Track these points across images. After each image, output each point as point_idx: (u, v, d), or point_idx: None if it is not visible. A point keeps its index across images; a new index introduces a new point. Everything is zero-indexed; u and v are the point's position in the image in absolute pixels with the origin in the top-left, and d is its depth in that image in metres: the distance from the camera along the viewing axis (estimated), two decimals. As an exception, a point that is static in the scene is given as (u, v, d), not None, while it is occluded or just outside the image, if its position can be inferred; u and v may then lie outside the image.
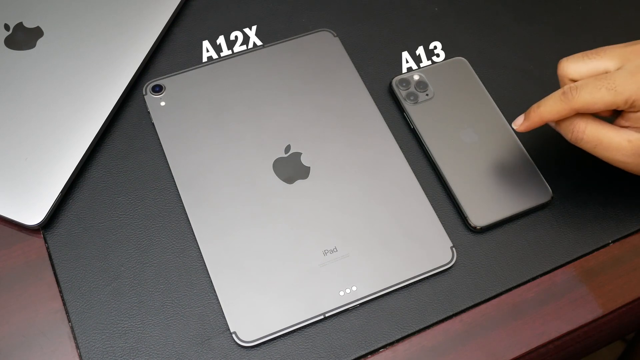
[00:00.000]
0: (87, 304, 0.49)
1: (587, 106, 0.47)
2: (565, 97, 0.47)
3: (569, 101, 0.47)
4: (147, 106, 0.56)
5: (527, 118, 0.50)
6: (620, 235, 0.54)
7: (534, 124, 0.50)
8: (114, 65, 0.57)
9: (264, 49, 0.60)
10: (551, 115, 0.49)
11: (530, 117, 0.50)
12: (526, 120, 0.50)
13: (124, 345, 0.48)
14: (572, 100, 0.47)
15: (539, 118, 0.49)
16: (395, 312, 0.50)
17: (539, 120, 0.50)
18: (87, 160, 0.55)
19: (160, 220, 0.52)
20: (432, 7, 0.64)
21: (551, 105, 0.48)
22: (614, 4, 0.66)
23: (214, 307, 0.49)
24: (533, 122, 0.50)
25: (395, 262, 0.50)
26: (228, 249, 0.50)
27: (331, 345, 0.48)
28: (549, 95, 0.49)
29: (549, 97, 0.49)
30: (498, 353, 0.49)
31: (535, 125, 0.50)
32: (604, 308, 0.51)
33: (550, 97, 0.49)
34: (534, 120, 0.50)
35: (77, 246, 0.51)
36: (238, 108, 0.56)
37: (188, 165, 0.54)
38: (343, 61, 0.59)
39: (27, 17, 0.59)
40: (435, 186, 0.55)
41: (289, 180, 0.53)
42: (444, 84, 0.59)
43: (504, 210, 0.53)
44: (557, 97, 0.48)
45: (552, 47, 0.62)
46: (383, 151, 0.55)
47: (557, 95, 0.48)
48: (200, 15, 0.63)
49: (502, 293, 0.51)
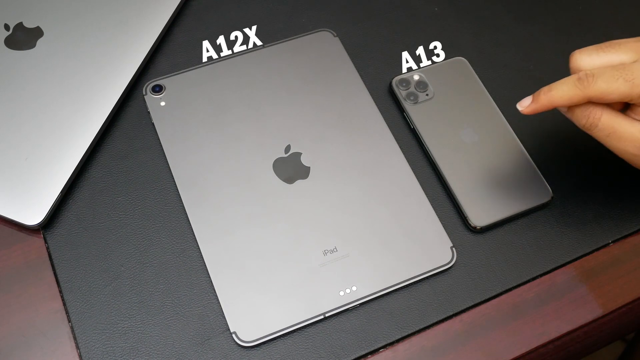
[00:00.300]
0: (87, 304, 0.49)
1: (602, 95, 0.46)
2: (580, 84, 0.46)
3: (585, 88, 0.46)
4: (147, 106, 0.56)
5: (535, 100, 0.49)
6: (620, 235, 0.54)
7: (542, 107, 0.48)
8: (114, 65, 0.57)
9: (264, 49, 0.60)
10: (562, 100, 0.47)
11: (540, 99, 0.48)
12: (534, 102, 0.49)
13: (124, 345, 0.48)
14: (587, 88, 0.46)
15: (548, 101, 0.48)
16: (395, 312, 0.50)
17: (548, 103, 0.48)
18: (87, 160, 0.55)
19: (160, 220, 0.52)
20: (432, 7, 0.64)
21: (564, 90, 0.47)
22: (614, 4, 0.66)
23: (214, 307, 0.49)
24: (541, 105, 0.48)
25: (395, 262, 0.50)
26: (228, 249, 0.50)
27: (331, 345, 0.48)
28: (562, 80, 0.48)
29: (562, 81, 0.47)
30: (498, 353, 0.49)
31: (542, 109, 0.48)
32: (604, 308, 0.51)
33: (563, 82, 0.47)
34: (542, 103, 0.48)
35: (77, 246, 0.51)
36: (238, 108, 0.56)
37: (188, 165, 0.54)
38: (343, 61, 0.59)
39: (27, 17, 0.59)
40: (435, 186, 0.55)
41: (289, 180, 0.53)
42: (444, 84, 0.59)
43: (504, 210, 0.53)
44: (572, 82, 0.47)
45: (552, 47, 0.63)
46: (383, 151, 0.55)
47: (571, 81, 0.47)
48: (200, 15, 0.63)
49: (502, 293, 0.51)
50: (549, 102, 0.48)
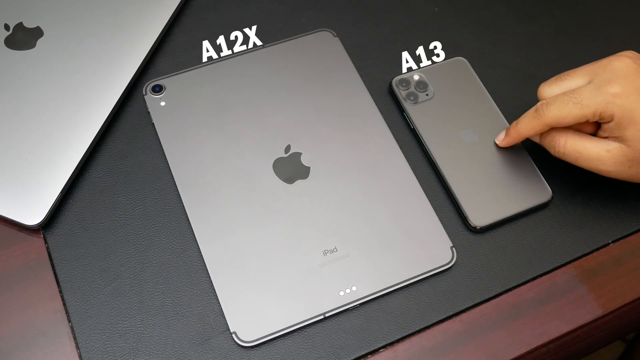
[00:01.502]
0: (87, 304, 0.49)
1: (557, 120, 0.50)
2: (537, 114, 0.51)
3: (541, 117, 0.50)
4: (147, 106, 0.56)
5: (507, 134, 0.54)
6: (620, 235, 0.54)
7: (513, 140, 0.54)
8: (114, 65, 0.57)
9: (264, 49, 0.60)
10: (527, 131, 0.52)
11: (510, 133, 0.54)
12: (507, 135, 0.54)
13: (124, 345, 0.48)
14: (543, 116, 0.50)
15: (517, 134, 0.53)
16: (395, 312, 0.50)
17: (517, 135, 0.53)
18: (87, 160, 0.55)
19: (160, 220, 0.52)
20: (432, 7, 0.64)
21: (526, 122, 0.52)
22: (614, 4, 0.66)
23: (214, 307, 0.49)
24: (512, 138, 0.54)
25: (395, 262, 0.50)
26: (228, 249, 0.50)
27: (331, 345, 0.48)
28: (525, 113, 0.52)
29: (524, 114, 0.52)
30: (498, 353, 0.49)
31: (515, 141, 0.54)
32: (604, 308, 0.51)
33: (525, 115, 0.52)
34: (513, 137, 0.54)
35: (77, 246, 0.51)
36: (238, 108, 0.56)
37: (188, 165, 0.54)
38: (343, 61, 0.59)
39: (27, 17, 0.59)
40: (435, 186, 0.55)
41: (289, 180, 0.53)
42: (444, 84, 0.58)
43: (504, 210, 0.53)
44: (531, 114, 0.51)
45: (552, 47, 0.63)
46: (383, 151, 0.55)
47: (530, 113, 0.51)
48: (200, 15, 0.63)
49: (502, 293, 0.51)
50: (518, 134, 0.53)
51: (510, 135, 0.54)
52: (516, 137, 0.53)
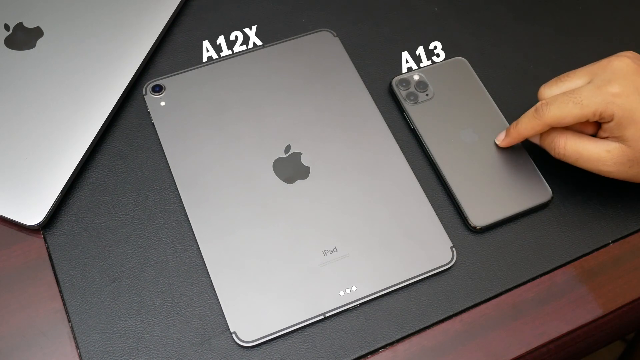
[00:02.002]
0: (87, 304, 0.49)
1: (557, 120, 0.50)
2: (537, 114, 0.51)
3: (541, 117, 0.50)
4: (147, 106, 0.56)
5: (507, 134, 0.54)
6: (620, 235, 0.54)
7: (513, 140, 0.54)
8: (114, 65, 0.57)
9: (264, 49, 0.60)
10: (527, 131, 0.52)
11: (510, 133, 0.54)
12: (507, 136, 0.54)
13: (124, 345, 0.48)
14: (543, 116, 0.50)
15: (517, 134, 0.53)
16: (395, 312, 0.50)
17: (517, 136, 0.53)
18: (87, 160, 0.55)
19: (160, 220, 0.52)
20: (432, 7, 0.64)
21: (526, 123, 0.52)
22: (614, 4, 0.66)
23: (214, 307, 0.49)
24: (512, 139, 0.54)
25: (395, 262, 0.50)
26: (228, 249, 0.50)
27: (331, 345, 0.48)
28: (525, 113, 0.52)
29: (524, 115, 0.52)
30: (498, 353, 0.49)
31: (515, 142, 0.54)
32: (604, 308, 0.51)
33: (525, 115, 0.52)
34: (513, 137, 0.54)
35: (77, 246, 0.51)
36: (238, 108, 0.56)
37: (188, 165, 0.54)
38: (343, 61, 0.59)
39: (27, 17, 0.59)
40: (435, 186, 0.55)
41: (289, 180, 0.53)
42: (444, 84, 0.59)
43: (504, 210, 0.53)
44: (531, 114, 0.51)
45: (552, 47, 0.63)
46: (383, 151, 0.55)
47: (530, 113, 0.51)
48: (200, 15, 0.63)
49: (502, 293, 0.51)
50: (518, 135, 0.53)
51: (510, 135, 0.54)
52: (516, 137, 0.53)
